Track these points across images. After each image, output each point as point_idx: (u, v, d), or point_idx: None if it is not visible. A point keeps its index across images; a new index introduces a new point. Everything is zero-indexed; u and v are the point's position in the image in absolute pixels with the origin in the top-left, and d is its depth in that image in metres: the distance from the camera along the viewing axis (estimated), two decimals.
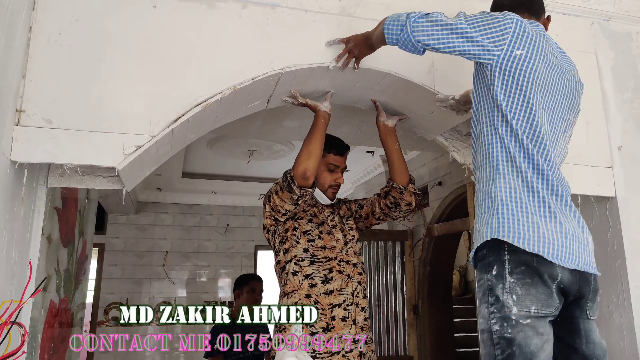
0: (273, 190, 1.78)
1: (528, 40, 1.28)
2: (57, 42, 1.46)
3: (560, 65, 1.37)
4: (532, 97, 1.27)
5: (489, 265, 1.22)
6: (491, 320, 1.20)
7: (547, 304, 1.19)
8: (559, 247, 1.21)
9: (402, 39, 1.33)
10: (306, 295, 1.72)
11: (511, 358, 1.16)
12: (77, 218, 2.22)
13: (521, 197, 1.24)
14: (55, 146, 1.39)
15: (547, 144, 1.28)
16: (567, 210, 1.28)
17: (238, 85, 1.59)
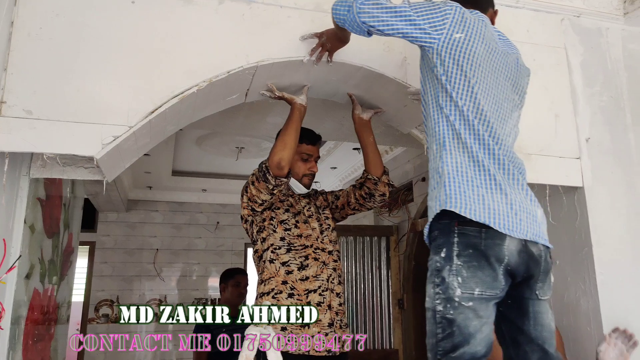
0: (250, 181, 1.84)
1: (467, 25, 1.35)
2: (37, 36, 1.52)
3: (501, 49, 1.42)
4: (473, 77, 1.32)
5: (439, 247, 1.26)
6: (436, 300, 1.25)
7: (492, 286, 1.23)
8: (505, 217, 1.24)
9: (348, 19, 1.39)
10: (282, 281, 1.78)
11: (450, 337, 1.21)
12: (62, 211, 2.27)
13: (467, 171, 1.28)
14: (35, 136, 1.45)
15: (491, 122, 1.32)
16: (515, 184, 1.31)
17: (214, 78, 1.64)
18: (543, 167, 1.98)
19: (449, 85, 1.33)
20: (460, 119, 1.32)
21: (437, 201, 1.29)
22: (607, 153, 2.09)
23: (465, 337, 1.20)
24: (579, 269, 2.00)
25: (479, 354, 1.22)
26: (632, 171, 2.11)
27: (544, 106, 2.06)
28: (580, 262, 2.00)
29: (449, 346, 1.21)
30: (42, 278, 1.97)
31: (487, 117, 1.32)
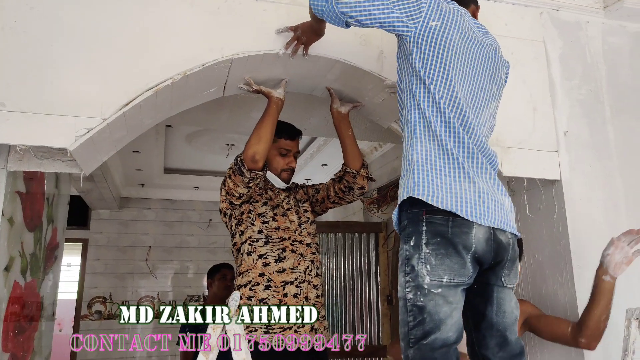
0: (227, 174, 1.86)
1: (443, 13, 1.36)
2: (12, 29, 1.53)
3: (479, 39, 1.44)
4: (449, 65, 1.33)
5: (408, 236, 1.28)
6: (406, 288, 1.26)
7: (460, 273, 1.24)
8: (473, 205, 1.25)
9: (327, 10, 1.40)
10: (260, 273, 1.80)
11: (422, 324, 1.23)
12: (45, 205, 2.27)
13: (436, 160, 1.29)
14: (8, 128, 1.46)
15: (466, 112, 1.33)
16: (483, 174, 1.32)
17: (189, 71, 1.65)
18: (521, 160, 2.00)
19: (425, 74, 1.33)
20: (432, 107, 1.33)
21: (405, 188, 1.30)
22: (586, 146, 2.10)
23: (436, 324, 1.22)
24: (556, 262, 2.02)
25: (450, 339, 1.23)
26: (610, 164, 2.12)
27: (522, 99, 2.07)
28: (557, 254, 2.01)
29: (420, 333, 1.23)
30: (24, 271, 1.98)
31: (461, 106, 1.33)
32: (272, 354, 1.67)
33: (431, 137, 1.32)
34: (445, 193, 1.26)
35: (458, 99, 1.34)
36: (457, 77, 1.35)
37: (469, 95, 1.37)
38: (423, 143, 1.32)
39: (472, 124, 1.34)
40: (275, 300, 1.75)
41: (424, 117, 1.33)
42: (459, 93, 1.34)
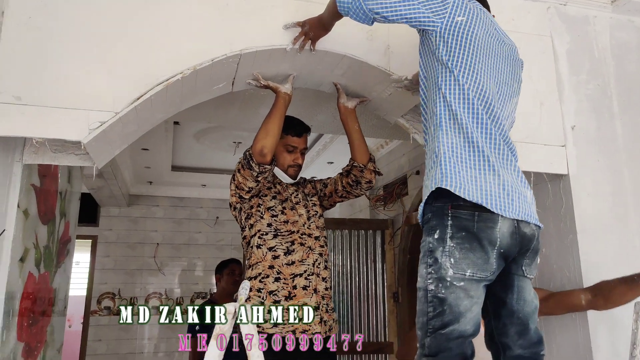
0: (236, 169, 1.89)
1: (467, 9, 1.40)
2: (26, 25, 1.56)
3: (499, 36, 1.48)
4: (475, 58, 1.37)
5: (432, 229, 1.30)
6: (428, 280, 1.28)
7: (483, 268, 1.26)
8: (497, 198, 1.27)
9: (353, 7, 1.43)
10: (269, 266, 1.82)
11: (441, 315, 1.25)
12: (58, 199, 2.32)
13: (461, 152, 1.31)
14: (24, 121, 1.50)
15: (492, 103, 1.36)
16: (508, 166, 1.34)
17: (198, 66, 1.68)
18: (528, 154, 2.00)
19: (452, 64, 1.36)
20: (459, 97, 1.35)
21: (432, 180, 1.32)
22: (593, 141, 2.11)
23: (456, 316, 1.24)
24: (564, 256, 2.02)
25: (467, 332, 1.26)
26: (617, 159, 2.12)
27: (529, 94, 2.07)
28: (565, 249, 2.02)
29: (438, 324, 1.25)
30: (38, 263, 2.02)
31: (488, 98, 1.36)
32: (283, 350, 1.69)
33: (457, 129, 1.34)
34: (471, 185, 1.28)
35: (484, 89, 1.37)
36: (483, 69, 1.38)
37: (495, 87, 1.40)
38: (449, 135, 1.34)
39: (498, 114, 1.37)
40: (284, 292, 1.78)
41: (450, 109, 1.35)
42: (485, 84, 1.37)
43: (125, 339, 5.66)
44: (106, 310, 5.67)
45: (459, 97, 1.34)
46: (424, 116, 1.47)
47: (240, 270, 3.38)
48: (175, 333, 5.83)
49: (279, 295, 1.77)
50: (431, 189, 1.31)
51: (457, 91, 1.35)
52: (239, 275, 3.35)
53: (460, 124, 1.33)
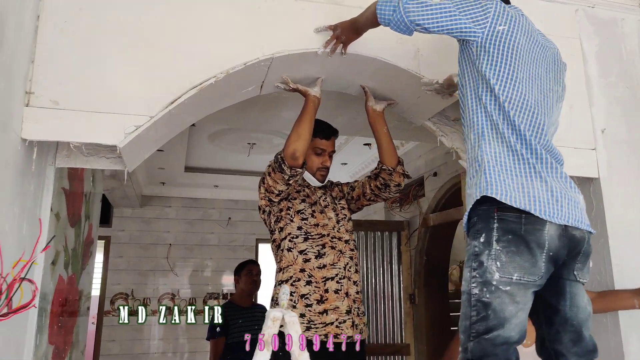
0: (266, 172, 1.88)
1: (508, 18, 1.39)
2: (62, 29, 1.57)
3: (541, 42, 1.47)
4: (518, 67, 1.36)
5: (478, 232, 1.28)
6: (472, 283, 1.27)
7: (531, 272, 1.24)
8: (546, 204, 1.25)
9: (394, 19, 1.43)
10: (300, 269, 1.82)
11: (485, 320, 1.23)
12: (84, 201, 2.33)
13: (505, 160, 1.30)
14: (61, 126, 1.50)
15: (535, 113, 1.35)
16: (554, 173, 1.32)
17: (231, 70, 1.68)
18: None
19: (493, 77, 1.35)
20: (498, 111, 1.34)
21: (477, 188, 1.31)
22: (623, 144, 2.09)
23: (500, 321, 1.22)
24: (595, 261, 2.00)
25: (512, 339, 1.24)
26: None
27: None
28: (596, 253, 1.99)
29: (482, 328, 1.24)
30: (66, 265, 2.03)
31: (529, 107, 1.35)
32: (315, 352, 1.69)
33: (499, 139, 1.34)
34: (518, 192, 1.26)
35: (526, 101, 1.35)
36: (526, 80, 1.37)
37: (540, 95, 1.39)
38: (492, 144, 1.34)
39: (542, 123, 1.36)
40: (316, 296, 1.78)
41: (491, 119, 1.35)
42: (528, 95, 1.36)
43: (138, 340, 5.68)
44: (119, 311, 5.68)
45: (498, 110, 1.34)
46: (463, 124, 1.47)
47: (257, 270, 3.39)
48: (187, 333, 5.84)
49: (310, 299, 1.77)
50: (476, 197, 1.30)
51: (495, 104, 1.35)
52: (257, 275, 3.36)
53: (502, 134, 1.33)
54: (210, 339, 3.18)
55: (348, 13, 1.84)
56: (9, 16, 1.33)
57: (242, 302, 3.35)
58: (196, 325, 5.85)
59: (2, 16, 1.28)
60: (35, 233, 1.62)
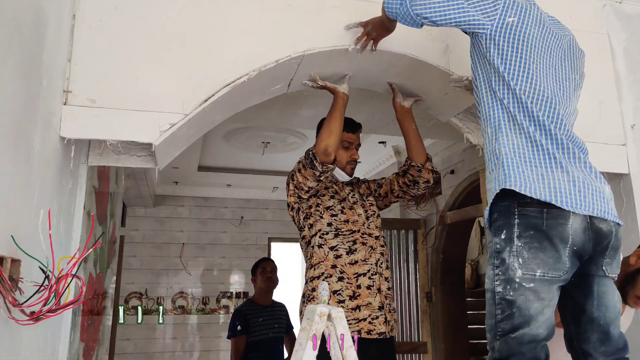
0: (296, 168, 1.88)
1: (518, 8, 1.36)
2: (98, 28, 1.58)
3: (554, 31, 1.43)
4: (530, 59, 1.33)
5: (499, 229, 1.26)
6: (495, 281, 1.25)
7: (555, 267, 1.21)
8: (568, 194, 1.22)
9: (401, 12, 1.42)
10: (332, 265, 1.82)
11: (510, 318, 1.22)
12: (109, 200, 2.34)
13: (524, 151, 1.28)
14: (98, 124, 1.51)
15: (553, 102, 1.32)
16: (577, 162, 1.29)
17: (263, 68, 1.68)
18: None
19: (505, 70, 1.33)
20: (515, 103, 1.32)
21: (496, 182, 1.28)
22: None
23: (526, 319, 1.20)
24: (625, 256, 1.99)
25: (540, 336, 1.22)
26: None
27: (587, 92, 2.02)
28: (626, 250, 1.98)
29: (508, 327, 1.22)
30: (95, 264, 2.04)
31: (547, 97, 1.32)
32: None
33: (517, 130, 1.31)
34: (538, 183, 1.23)
35: (543, 91, 1.33)
36: (540, 70, 1.35)
37: (556, 85, 1.37)
38: (509, 136, 1.31)
39: (560, 113, 1.33)
40: (349, 292, 1.78)
41: (508, 111, 1.33)
42: (543, 85, 1.34)
43: (152, 339, 5.70)
44: (134, 310, 5.71)
45: (514, 101, 1.32)
46: (480, 118, 1.45)
47: (271, 267, 3.40)
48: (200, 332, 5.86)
49: (343, 295, 1.77)
50: (495, 191, 1.28)
51: (510, 95, 1.33)
52: (271, 272, 3.37)
53: (521, 125, 1.30)
54: (231, 338, 3.19)
55: (377, 9, 1.83)
56: (49, 16, 1.33)
57: (262, 301, 3.36)
58: (209, 324, 5.87)
59: (44, 16, 1.29)
60: (70, 230, 1.63)
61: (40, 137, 1.27)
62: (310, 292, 1.81)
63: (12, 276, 1.05)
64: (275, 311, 3.36)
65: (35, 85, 1.23)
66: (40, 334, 1.33)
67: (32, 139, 1.21)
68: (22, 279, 1.10)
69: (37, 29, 1.23)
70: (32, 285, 1.08)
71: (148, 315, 5.72)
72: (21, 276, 1.10)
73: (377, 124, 3.34)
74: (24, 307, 1.03)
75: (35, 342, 1.30)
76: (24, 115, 1.16)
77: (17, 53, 1.10)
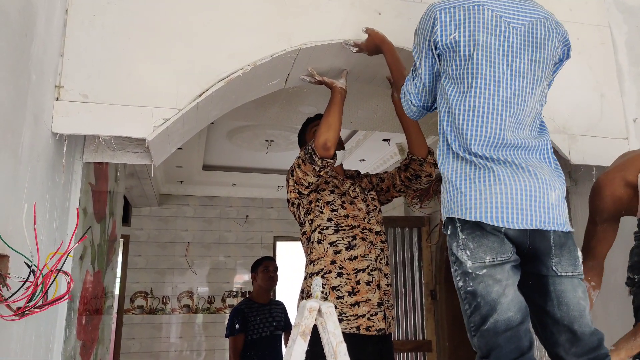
0: (296, 164, 1.86)
1: (457, 21, 1.31)
2: (90, 23, 1.57)
3: (507, 25, 1.32)
4: (476, 71, 1.28)
5: (445, 226, 1.30)
6: (456, 277, 1.26)
7: (501, 251, 1.21)
8: (501, 209, 1.21)
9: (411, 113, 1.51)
10: (331, 261, 1.80)
11: (477, 309, 1.20)
12: (108, 198, 2.33)
13: (464, 170, 1.27)
14: (91, 119, 1.50)
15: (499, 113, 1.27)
16: (520, 172, 1.25)
17: (258, 62, 1.67)
18: (589, 148, 1.94)
19: (450, 89, 1.33)
20: (452, 132, 1.31)
21: (444, 208, 1.32)
22: None
23: (491, 305, 1.19)
24: (626, 251, 1.95)
25: (513, 320, 1.18)
26: None
27: (589, 86, 2.02)
28: (627, 244, 1.95)
29: (477, 319, 1.21)
30: (93, 261, 2.04)
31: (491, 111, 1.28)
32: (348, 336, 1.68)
33: (452, 153, 1.32)
34: (474, 201, 1.23)
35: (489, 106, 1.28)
36: (489, 81, 1.28)
37: (509, 91, 1.29)
38: (450, 158, 1.32)
39: (506, 122, 1.28)
40: (348, 288, 1.76)
41: (446, 136, 1.33)
42: (490, 97, 1.28)
43: (157, 337, 5.72)
44: (139, 309, 5.73)
45: (451, 131, 1.31)
46: None
47: (274, 266, 3.39)
48: (206, 331, 5.87)
49: (342, 291, 1.75)
50: (444, 219, 1.32)
51: (449, 120, 1.32)
52: (273, 272, 3.36)
53: (456, 153, 1.30)
54: (229, 337, 3.19)
55: (374, 3, 1.82)
56: (39, 10, 1.33)
57: (260, 299, 3.35)
58: (214, 324, 5.87)
59: (33, 9, 1.28)
60: (65, 226, 1.63)
61: (29, 132, 1.27)
62: (309, 289, 1.80)
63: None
64: (273, 309, 3.35)
65: (23, 80, 1.22)
66: (31, 331, 1.33)
67: (20, 134, 1.21)
68: (9, 274, 1.09)
69: (25, 22, 1.23)
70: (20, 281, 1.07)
71: (153, 314, 5.74)
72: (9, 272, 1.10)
73: (379, 120, 3.31)
74: (9, 302, 1.02)
75: (26, 338, 1.29)
76: (11, 109, 1.15)
77: (4, 46, 1.09)
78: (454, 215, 1.26)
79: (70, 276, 1.12)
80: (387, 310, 1.81)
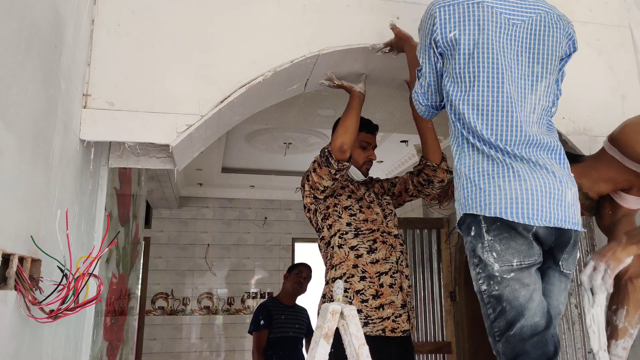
0: (311, 168, 1.88)
1: (456, 19, 1.30)
2: (116, 32, 1.61)
3: (506, 21, 1.30)
4: (477, 70, 1.27)
5: (468, 227, 1.24)
6: (479, 281, 1.22)
7: (529, 254, 1.19)
8: (523, 206, 1.18)
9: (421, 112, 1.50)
10: (353, 265, 1.82)
11: (502, 314, 1.18)
12: (132, 201, 2.39)
13: (482, 166, 1.24)
14: (117, 126, 1.54)
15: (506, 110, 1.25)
16: (537, 169, 1.23)
17: (278, 68, 1.69)
18: None
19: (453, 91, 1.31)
20: (463, 126, 1.29)
21: (459, 204, 1.29)
22: None
23: (518, 310, 1.17)
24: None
25: (539, 325, 1.17)
26: None
27: (609, 87, 1.99)
28: None
29: (503, 324, 1.18)
30: (118, 264, 2.09)
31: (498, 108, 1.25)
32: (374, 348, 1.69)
33: (472, 148, 1.27)
34: (494, 197, 1.20)
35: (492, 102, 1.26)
36: (490, 79, 1.26)
37: (511, 88, 1.28)
38: (467, 153, 1.28)
39: (516, 119, 1.25)
40: (371, 291, 1.77)
41: (462, 131, 1.30)
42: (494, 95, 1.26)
43: (178, 338, 5.80)
44: (160, 310, 5.82)
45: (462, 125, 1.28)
46: None
47: (307, 273, 3.44)
48: (225, 332, 5.93)
49: (366, 295, 1.77)
50: (459, 215, 1.28)
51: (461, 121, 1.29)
52: (304, 279, 3.41)
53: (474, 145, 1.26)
54: (253, 332, 3.23)
55: (392, 6, 1.83)
56: (67, 21, 1.37)
57: (285, 300, 3.39)
58: (234, 325, 5.94)
59: (62, 21, 1.33)
60: (92, 231, 1.68)
61: (59, 139, 1.31)
62: (332, 293, 1.81)
63: (32, 275, 1.09)
64: (297, 312, 3.39)
65: (54, 89, 1.27)
66: (61, 332, 1.37)
67: (51, 142, 1.25)
68: (42, 278, 1.13)
69: (55, 33, 1.27)
70: (52, 285, 1.11)
71: (174, 315, 5.83)
72: (42, 275, 1.14)
73: (397, 122, 3.32)
74: (42, 305, 1.06)
75: (57, 339, 1.34)
76: (43, 118, 1.20)
77: (36, 57, 1.14)
78: (472, 211, 1.23)
79: (100, 279, 1.16)
80: (410, 311, 1.82)
